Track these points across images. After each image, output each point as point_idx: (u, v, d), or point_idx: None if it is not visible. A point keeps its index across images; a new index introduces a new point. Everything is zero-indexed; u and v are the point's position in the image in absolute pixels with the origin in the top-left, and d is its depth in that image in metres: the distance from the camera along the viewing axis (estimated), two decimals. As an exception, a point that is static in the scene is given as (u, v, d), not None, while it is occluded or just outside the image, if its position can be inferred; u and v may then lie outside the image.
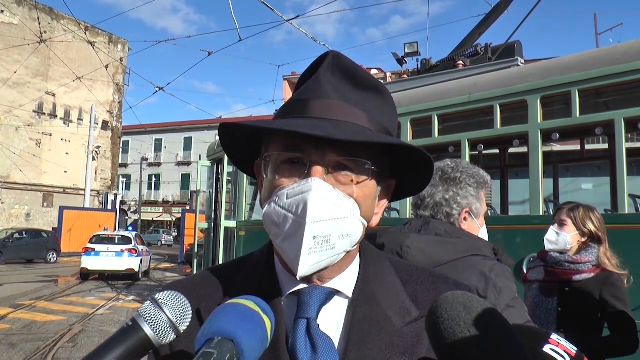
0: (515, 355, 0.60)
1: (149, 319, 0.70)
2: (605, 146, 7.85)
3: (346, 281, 0.88)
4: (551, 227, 2.93)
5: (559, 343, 0.62)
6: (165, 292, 0.75)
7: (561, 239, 2.87)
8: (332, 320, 0.86)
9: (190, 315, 0.75)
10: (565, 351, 0.61)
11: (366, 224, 0.87)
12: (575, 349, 0.62)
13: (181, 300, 0.74)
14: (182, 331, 0.73)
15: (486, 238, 1.94)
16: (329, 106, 0.84)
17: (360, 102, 0.87)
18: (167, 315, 0.71)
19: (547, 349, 0.61)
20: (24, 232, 25.98)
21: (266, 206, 0.85)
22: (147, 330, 0.69)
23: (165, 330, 0.71)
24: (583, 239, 2.86)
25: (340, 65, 0.88)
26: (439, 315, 0.65)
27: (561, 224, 2.90)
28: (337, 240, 0.81)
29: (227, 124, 0.90)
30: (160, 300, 0.72)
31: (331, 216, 0.80)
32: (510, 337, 0.62)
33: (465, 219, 1.85)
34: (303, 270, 0.79)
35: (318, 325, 0.82)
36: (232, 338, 0.64)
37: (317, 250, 0.79)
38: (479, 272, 1.62)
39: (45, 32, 28.93)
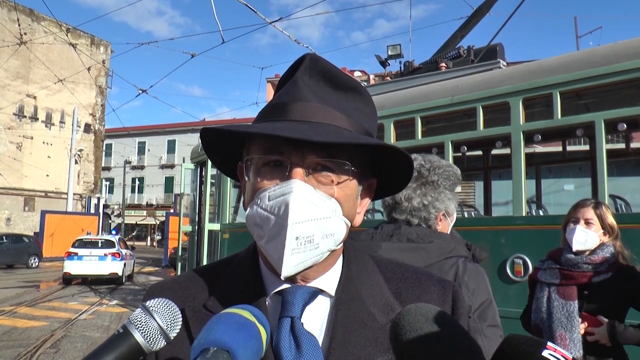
0: None
1: (140, 325, 0.71)
2: (587, 147, 7.95)
3: (330, 280, 0.89)
4: (578, 226, 2.78)
5: (556, 349, 0.64)
6: (156, 299, 0.75)
7: (590, 238, 2.77)
8: (316, 318, 0.87)
9: (180, 322, 0.75)
10: (562, 356, 0.63)
11: (349, 224, 0.88)
12: (571, 355, 0.65)
13: (171, 307, 0.75)
14: (172, 338, 0.73)
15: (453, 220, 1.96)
16: (307, 108, 0.85)
17: (339, 103, 0.88)
18: (158, 322, 0.72)
19: (545, 353, 0.63)
20: (4, 237, 25.41)
21: (249, 208, 0.86)
22: (138, 337, 0.70)
23: (156, 337, 0.71)
24: (604, 238, 2.80)
25: (317, 67, 0.89)
26: (402, 327, 0.67)
27: (588, 223, 2.79)
28: (321, 240, 0.82)
29: (208, 128, 0.90)
30: (150, 307, 0.73)
31: (313, 217, 0.81)
32: (470, 348, 0.65)
33: (440, 220, 1.86)
34: (287, 271, 0.80)
35: (302, 324, 0.83)
36: (228, 349, 0.64)
37: (300, 250, 0.80)
38: (452, 276, 1.64)
39: (25, 33, 28.63)
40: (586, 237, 2.78)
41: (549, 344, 0.65)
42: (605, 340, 2.61)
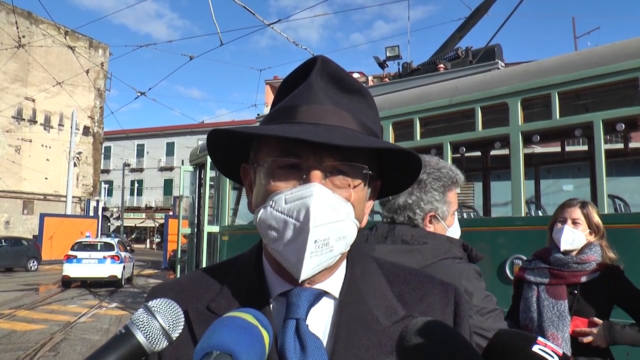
0: None
1: (142, 326, 0.71)
2: (585, 147, 7.95)
3: (334, 282, 0.89)
4: (566, 226, 2.79)
5: (546, 344, 0.64)
6: (158, 299, 0.75)
7: (577, 238, 2.78)
8: (320, 320, 0.86)
9: (183, 322, 0.75)
10: (553, 351, 0.64)
11: (359, 225, 0.89)
12: (562, 350, 0.65)
13: (174, 308, 0.74)
14: (174, 338, 0.73)
15: (457, 233, 1.91)
16: (322, 111, 0.85)
17: (348, 105, 0.88)
18: (160, 322, 0.72)
19: (536, 348, 0.64)
20: (3, 240, 25.28)
21: (261, 210, 0.85)
22: (140, 337, 0.70)
23: (158, 337, 0.71)
24: (591, 237, 2.80)
25: (327, 69, 0.89)
26: (409, 339, 0.68)
27: (575, 223, 2.79)
28: (335, 243, 0.82)
29: (219, 130, 0.90)
30: (152, 308, 0.73)
31: (330, 220, 0.81)
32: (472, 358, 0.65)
33: (430, 222, 1.82)
34: (305, 274, 0.81)
35: (307, 325, 0.83)
36: (231, 352, 0.64)
37: (318, 253, 0.80)
38: (447, 278, 1.62)
39: (23, 36, 28.57)
40: (574, 237, 2.79)
41: (539, 338, 0.65)
42: (602, 341, 2.62)
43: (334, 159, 0.83)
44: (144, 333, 0.70)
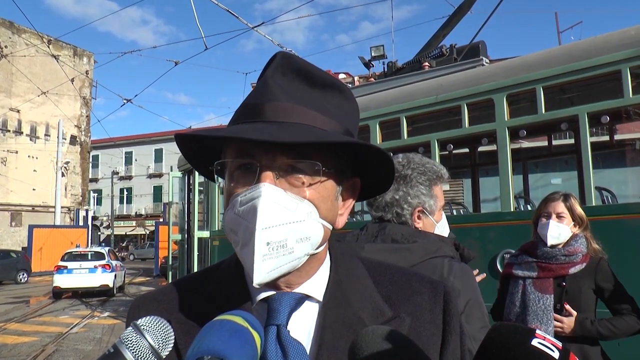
0: None
1: (130, 345, 0.70)
2: (572, 141, 8.01)
3: (316, 285, 0.87)
4: (551, 221, 2.82)
5: (545, 337, 0.63)
6: (147, 317, 0.74)
7: (562, 232, 2.81)
8: (303, 325, 0.84)
9: (173, 340, 0.74)
10: (552, 344, 0.62)
11: (330, 226, 0.86)
12: (561, 342, 0.63)
13: (163, 325, 0.74)
14: (164, 356, 0.72)
15: (446, 229, 1.91)
16: (278, 108, 0.82)
17: (314, 101, 0.85)
18: (149, 341, 0.71)
19: (535, 342, 0.62)
20: (-9, 253, 25.16)
21: (226, 214, 0.84)
22: (129, 356, 0.69)
23: (147, 356, 0.70)
24: (575, 229, 2.84)
25: (291, 66, 0.86)
26: (360, 347, 0.70)
27: (559, 217, 2.83)
28: (295, 245, 0.79)
29: (179, 136, 0.89)
30: (142, 326, 0.72)
31: (285, 220, 0.78)
32: None
33: (418, 217, 1.81)
34: (259, 278, 0.77)
35: (288, 331, 0.81)
36: (222, 357, 0.63)
37: (272, 256, 0.77)
38: (437, 276, 1.61)
39: (6, 46, 28.36)
40: (559, 231, 2.82)
41: (538, 332, 0.63)
42: (571, 331, 2.68)
43: (287, 157, 0.80)
44: (132, 352, 0.69)
